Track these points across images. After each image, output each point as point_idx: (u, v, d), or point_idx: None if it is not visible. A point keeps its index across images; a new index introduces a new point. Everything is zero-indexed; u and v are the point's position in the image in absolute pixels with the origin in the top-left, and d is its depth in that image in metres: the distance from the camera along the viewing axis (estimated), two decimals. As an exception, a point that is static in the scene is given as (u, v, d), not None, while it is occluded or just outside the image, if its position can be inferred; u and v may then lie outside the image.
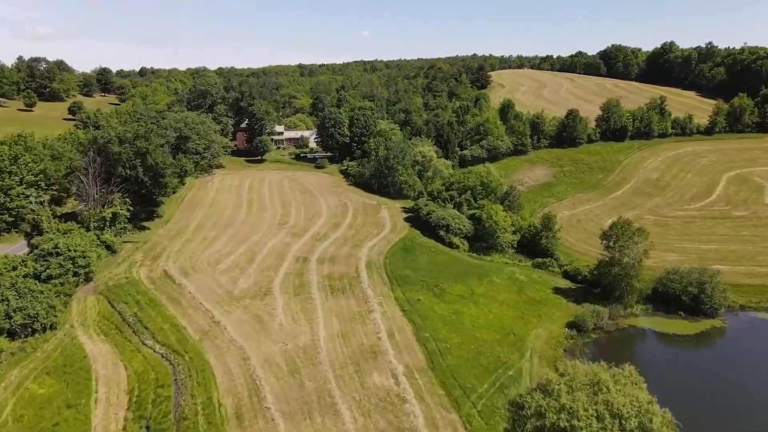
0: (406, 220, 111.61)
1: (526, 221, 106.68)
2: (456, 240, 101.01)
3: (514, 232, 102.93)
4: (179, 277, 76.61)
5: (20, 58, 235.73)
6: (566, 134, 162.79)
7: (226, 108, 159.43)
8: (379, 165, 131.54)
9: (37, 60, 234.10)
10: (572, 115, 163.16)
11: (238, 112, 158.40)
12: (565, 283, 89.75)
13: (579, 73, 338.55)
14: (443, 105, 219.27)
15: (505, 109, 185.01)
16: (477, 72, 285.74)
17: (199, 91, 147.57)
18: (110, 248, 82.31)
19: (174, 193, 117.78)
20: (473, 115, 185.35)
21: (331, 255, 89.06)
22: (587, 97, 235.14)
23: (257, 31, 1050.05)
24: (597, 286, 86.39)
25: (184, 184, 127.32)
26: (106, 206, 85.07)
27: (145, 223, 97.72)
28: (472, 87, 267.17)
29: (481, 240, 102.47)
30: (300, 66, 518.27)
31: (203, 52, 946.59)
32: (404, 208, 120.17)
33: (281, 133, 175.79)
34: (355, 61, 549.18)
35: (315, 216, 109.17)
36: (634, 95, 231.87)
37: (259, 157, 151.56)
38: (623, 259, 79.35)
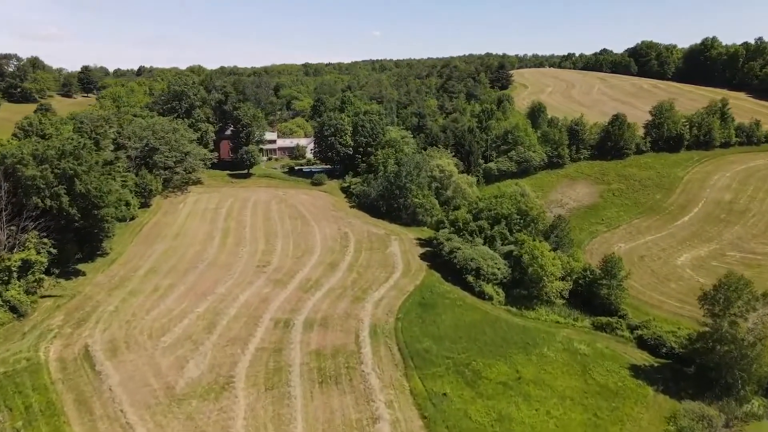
0: (423, 257, 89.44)
1: (579, 263, 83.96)
2: (489, 289, 78.54)
3: (563, 278, 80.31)
4: (103, 359, 54.80)
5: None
6: (611, 143, 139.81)
7: (208, 112, 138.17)
8: (388, 183, 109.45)
9: (6, 57, 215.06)
10: (618, 120, 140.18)
11: (222, 117, 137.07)
12: (642, 357, 66.98)
13: (606, 72, 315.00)
14: (461, 108, 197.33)
15: (535, 113, 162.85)
16: (497, 71, 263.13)
17: (174, 92, 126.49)
18: (16, 310, 60.82)
19: (130, 219, 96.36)
20: (497, 120, 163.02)
21: (324, 315, 67.06)
22: (624, 99, 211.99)
23: (266, 31, 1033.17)
24: (689, 362, 63.77)
25: (149, 206, 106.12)
26: (15, 249, 63.49)
27: (81, 266, 76.18)
28: (491, 87, 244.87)
29: (521, 286, 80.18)
30: (305, 65, 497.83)
31: (211, 51, 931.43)
32: (419, 239, 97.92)
33: (273, 142, 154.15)
34: (363, 61, 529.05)
35: (306, 253, 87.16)
36: (678, 97, 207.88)
37: (246, 171, 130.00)
38: (738, 335, 56.61)
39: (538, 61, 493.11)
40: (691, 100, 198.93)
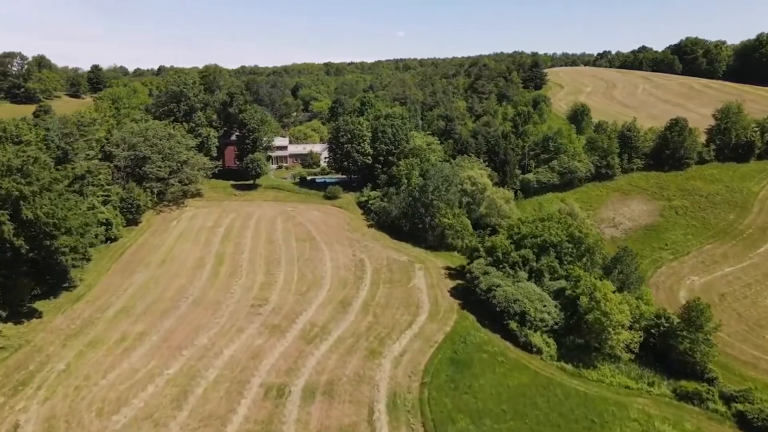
0: (454, 292, 74.99)
1: (650, 307, 68.43)
2: (537, 339, 63.64)
3: (631, 326, 64.86)
4: (31, 450, 41.82)
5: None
6: (668, 152, 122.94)
7: (211, 115, 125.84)
8: (412, 199, 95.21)
9: (10, 55, 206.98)
10: (678, 125, 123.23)
11: (226, 121, 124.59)
12: (748, 445, 51.48)
13: (646, 71, 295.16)
14: (492, 110, 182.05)
15: (578, 117, 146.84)
16: (530, 69, 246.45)
17: (171, 93, 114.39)
18: (-64, 371, 48.28)
19: (112, 240, 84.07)
20: (534, 124, 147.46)
21: (329, 378, 53.21)
22: (675, 100, 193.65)
23: (288, 32, 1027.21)
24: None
25: (138, 223, 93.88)
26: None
27: (39, 304, 63.81)
28: (524, 88, 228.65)
29: (575, 332, 65.33)
30: (326, 64, 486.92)
31: (233, 51, 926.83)
32: (449, 268, 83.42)
33: (284, 148, 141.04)
34: (386, 60, 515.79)
35: (313, 286, 73.43)
36: (735, 98, 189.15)
37: (251, 182, 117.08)
38: None
39: (569, 60, 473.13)
40: (752, 101, 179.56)
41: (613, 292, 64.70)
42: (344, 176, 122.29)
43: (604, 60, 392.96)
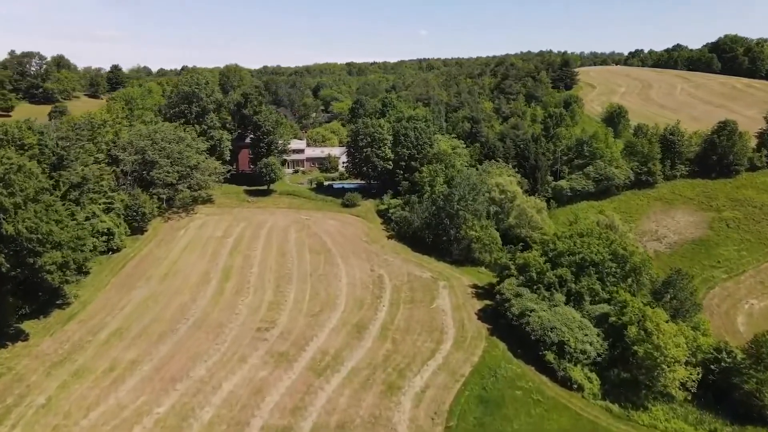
0: (482, 314, 68.05)
1: (708, 338, 60.39)
2: (577, 374, 56.33)
3: (687, 361, 56.95)
4: None
5: (12, 53, 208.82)
6: (716, 158, 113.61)
7: (225, 117, 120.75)
8: (436, 209, 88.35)
9: (28, 55, 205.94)
10: (727, 128, 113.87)
11: (241, 123, 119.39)
12: None
13: (681, 70, 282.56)
14: (520, 111, 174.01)
15: (614, 119, 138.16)
16: (560, 69, 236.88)
17: (182, 93, 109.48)
18: None
19: (113, 251, 79.17)
20: (567, 127, 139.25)
21: (341, 419, 46.91)
22: (717, 102, 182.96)
23: (311, 32, 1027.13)
24: None
25: (144, 232, 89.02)
26: None
27: (27, 324, 58.94)
28: (554, 88, 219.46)
29: (620, 364, 57.85)
30: (349, 64, 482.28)
31: (257, 52, 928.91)
32: (475, 286, 76.39)
33: (301, 151, 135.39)
34: (409, 60, 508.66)
35: (326, 306, 67.17)
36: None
37: (265, 187, 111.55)
38: None
39: (597, 60, 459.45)
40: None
41: (666, 322, 56.99)
42: (363, 182, 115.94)
43: (636, 59, 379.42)
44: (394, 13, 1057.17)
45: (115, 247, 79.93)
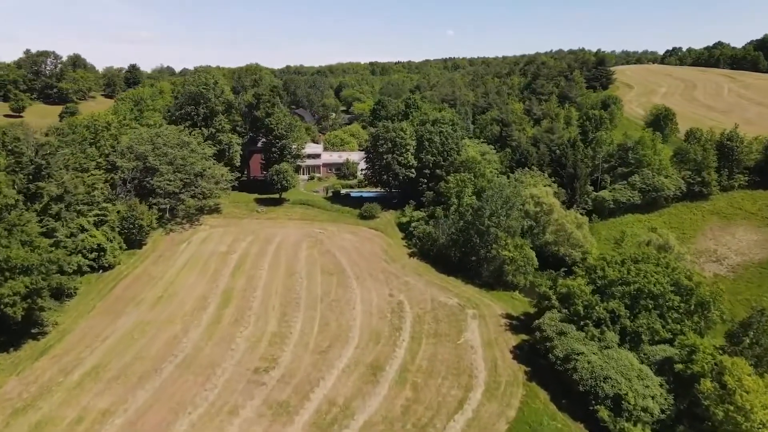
0: (518, 352, 58.78)
1: (799, 394, 49.85)
2: (638, 436, 46.61)
3: (774, 422, 46.68)
4: None
5: (27, 52, 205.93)
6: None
7: (236, 119, 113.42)
8: (464, 224, 79.16)
9: (43, 54, 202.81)
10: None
11: (252, 126, 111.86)
12: None
13: (725, 69, 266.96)
14: (553, 113, 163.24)
15: (660, 122, 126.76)
16: (595, 67, 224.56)
17: (189, 94, 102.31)
18: None
19: (105, 269, 72.02)
20: (606, 130, 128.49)
21: (347, 498, 38.05)
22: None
23: (335, 32, 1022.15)
24: None
25: (143, 245, 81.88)
26: None
27: (-8, 360, 51.57)
28: (588, 88, 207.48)
29: (687, 422, 47.94)
30: (372, 64, 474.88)
31: (281, 51, 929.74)
32: (509, 316, 66.96)
33: (317, 156, 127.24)
34: (435, 59, 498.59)
35: (337, 341, 58.62)
36: None
37: (278, 196, 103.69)
38: None
39: (630, 58, 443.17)
40: None
41: (749, 375, 46.84)
42: (383, 191, 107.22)
43: (674, 57, 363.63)
44: (421, 13, 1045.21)
45: (107, 264, 72.83)
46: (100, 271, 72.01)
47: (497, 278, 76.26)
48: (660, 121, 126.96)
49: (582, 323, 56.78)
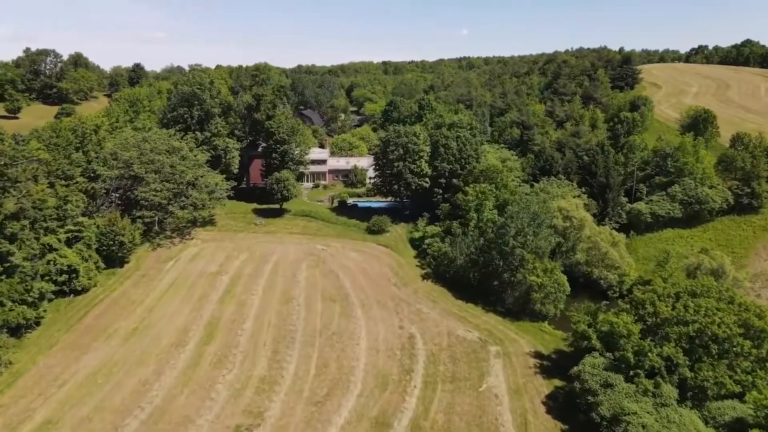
0: (551, 403, 49.76)
1: None
2: None
3: None
4: None
5: (26, 50, 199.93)
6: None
7: (235, 122, 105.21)
8: (485, 242, 70.07)
9: (43, 53, 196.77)
10: None
11: (252, 129, 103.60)
12: None
13: (755, 67, 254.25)
14: (577, 114, 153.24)
15: (699, 125, 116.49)
16: (620, 66, 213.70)
17: (182, 95, 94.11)
18: None
19: (76, 293, 63.98)
20: (639, 134, 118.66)
21: None
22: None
23: (348, 32, 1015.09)
24: None
25: (125, 263, 73.83)
26: None
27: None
28: (614, 88, 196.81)
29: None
30: (385, 63, 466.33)
31: (294, 50, 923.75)
32: (539, 355, 57.75)
33: (322, 162, 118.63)
34: (449, 59, 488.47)
35: (336, 387, 49.84)
36: None
37: (278, 206, 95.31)
38: None
39: (652, 57, 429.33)
40: None
41: None
42: (394, 201, 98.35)
43: (700, 56, 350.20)
44: (435, 12, 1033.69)
45: (80, 288, 64.78)
46: (71, 295, 64.00)
47: (523, 306, 67.06)
48: (699, 124, 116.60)
49: (631, 371, 47.39)
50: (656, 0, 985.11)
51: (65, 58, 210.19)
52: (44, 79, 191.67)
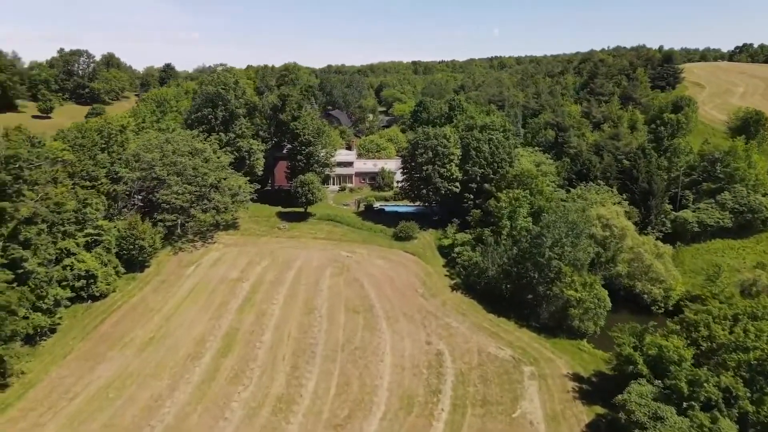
0: (593, 436, 45.28)
1: None
2: None
3: None
4: None
5: (60, 51, 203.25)
6: None
7: (260, 123, 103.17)
8: (519, 252, 66.04)
9: (76, 53, 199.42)
10: None
11: (278, 130, 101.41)
12: None
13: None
14: (615, 116, 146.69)
15: (750, 127, 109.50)
16: (660, 65, 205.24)
17: (206, 95, 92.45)
18: None
19: (94, 298, 62.47)
20: (683, 136, 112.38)
21: None
22: None
23: (376, 33, 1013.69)
24: None
25: (146, 268, 72.26)
26: None
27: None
28: (653, 88, 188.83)
29: None
30: (414, 63, 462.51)
31: (325, 50, 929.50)
32: (578, 378, 53.47)
33: (349, 164, 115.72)
34: (480, 58, 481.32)
35: (358, 408, 46.76)
36: None
37: (303, 209, 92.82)
38: None
39: (692, 56, 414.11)
40: None
41: None
42: (422, 205, 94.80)
43: (744, 54, 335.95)
44: (466, 12, 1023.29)
45: (98, 293, 63.27)
46: (89, 301, 62.53)
47: (559, 321, 62.78)
48: (749, 126, 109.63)
49: (684, 403, 42.88)
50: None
51: (98, 58, 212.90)
52: (77, 79, 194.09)
